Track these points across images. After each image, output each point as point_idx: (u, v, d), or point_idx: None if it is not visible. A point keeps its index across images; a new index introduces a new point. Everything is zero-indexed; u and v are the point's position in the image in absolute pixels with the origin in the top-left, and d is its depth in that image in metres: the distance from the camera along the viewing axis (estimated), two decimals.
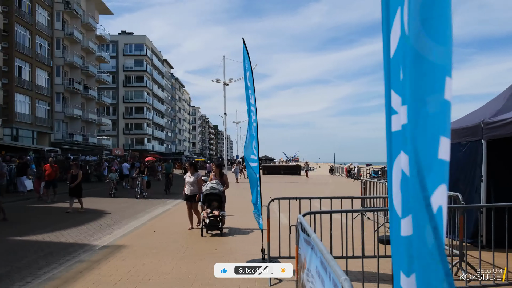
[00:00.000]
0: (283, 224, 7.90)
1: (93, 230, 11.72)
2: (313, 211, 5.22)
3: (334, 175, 57.50)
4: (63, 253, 8.74)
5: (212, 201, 10.68)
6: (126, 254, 8.44)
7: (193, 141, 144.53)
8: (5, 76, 36.36)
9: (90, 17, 53.83)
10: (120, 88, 76.52)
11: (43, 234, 10.86)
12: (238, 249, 8.95)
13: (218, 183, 10.85)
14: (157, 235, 10.53)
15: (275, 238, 7.42)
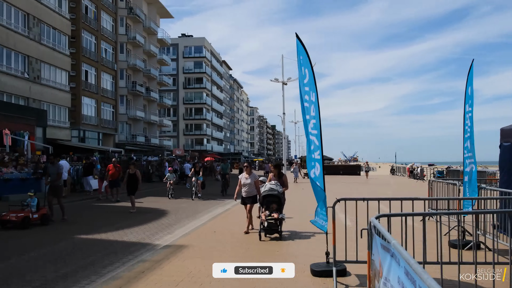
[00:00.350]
0: (348, 227, 7.50)
1: (155, 229, 11.81)
2: (386, 214, 4.82)
3: (395, 175, 55.78)
4: (126, 252, 8.80)
5: (270, 203, 10.07)
6: (187, 254, 8.37)
7: (251, 141, 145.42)
8: (73, 80, 38.03)
9: (152, 21, 55.35)
10: (180, 90, 78.22)
11: (107, 233, 11.06)
12: (300, 251, 8.65)
13: (277, 184, 10.36)
14: (218, 235, 10.43)
15: (341, 241, 7.06)
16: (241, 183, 10.88)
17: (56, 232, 11.21)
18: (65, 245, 9.44)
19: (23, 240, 10.18)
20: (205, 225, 12.20)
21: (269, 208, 10.02)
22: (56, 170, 13.00)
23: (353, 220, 7.31)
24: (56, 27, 34.37)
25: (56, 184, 13.09)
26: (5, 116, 22.54)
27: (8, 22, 28.95)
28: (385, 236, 3.13)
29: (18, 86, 29.54)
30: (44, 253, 8.71)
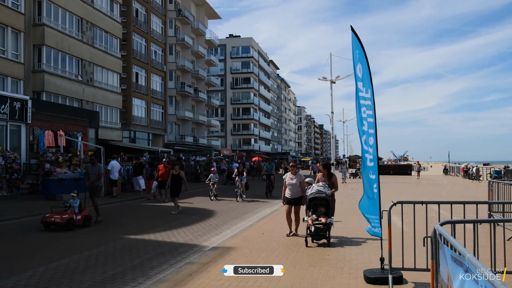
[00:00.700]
0: (405, 231, 7.05)
1: (202, 230, 11.72)
2: (452, 220, 4.40)
3: (448, 175, 53.69)
4: (174, 254, 8.72)
5: (318, 206, 9.37)
6: (235, 256, 8.17)
7: (299, 141, 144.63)
8: (124, 82, 38.99)
9: (200, 22, 55.96)
10: (228, 90, 78.75)
11: (156, 233, 11.05)
12: (353, 256, 8.25)
13: (325, 186, 9.61)
14: (266, 237, 10.19)
15: (397, 247, 6.65)
16: (286, 184, 10.35)
17: (105, 232, 11.32)
18: (114, 246, 9.47)
19: (72, 240, 10.32)
20: (253, 226, 11.99)
21: (316, 212, 9.36)
22: (97, 171, 12.85)
23: (409, 224, 6.88)
24: (108, 31, 35.31)
25: (96, 185, 12.88)
26: (60, 118, 23.29)
27: (63, 27, 29.97)
28: (457, 248, 2.76)
29: (72, 88, 30.52)
30: (94, 254, 8.76)
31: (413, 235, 6.51)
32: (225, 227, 12.30)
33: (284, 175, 10.57)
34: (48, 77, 28.19)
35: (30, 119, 20.88)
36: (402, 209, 6.74)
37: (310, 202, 9.50)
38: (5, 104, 19.67)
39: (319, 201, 9.43)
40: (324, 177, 10.30)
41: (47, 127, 22.31)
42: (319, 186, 9.60)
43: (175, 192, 15.38)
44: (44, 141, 21.79)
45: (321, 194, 9.41)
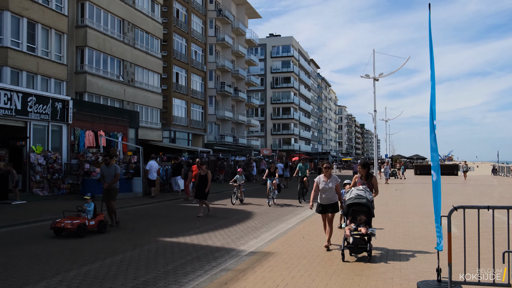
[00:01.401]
0: (460, 237, 6.33)
1: (240, 233, 11.28)
2: None
3: (498, 175, 51.25)
4: (210, 258, 8.30)
5: (357, 213, 8.14)
6: (274, 263, 7.66)
7: (340, 141, 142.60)
8: (165, 83, 39.22)
9: (240, 22, 55.78)
10: (268, 90, 78.33)
11: (192, 236, 10.68)
12: (403, 264, 7.54)
13: (366, 189, 8.34)
14: (306, 241, 9.62)
15: (457, 258, 5.94)
16: (318, 188, 8.97)
17: (140, 235, 11.03)
18: (148, 249, 9.14)
19: (106, 243, 10.07)
20: (293, 229, 11.43)
21: (355, 220, 8.14)
22: (113, 172, 11.98)
23: (470, 231, 6.17)
24: (149, 32, 35.57)
25: (113, 187, 11.99)
26: (100, 118, 23.47)
27: (105, 28, 30.33)
28: None
29: (113, 89, 30.84)
30: (127, 257, 8.45)
31: (478, 245, 5.77)
32: (263, 230, 11.81)
33: (317, 178, 9.13)
34: (90, 78, 28.56)
35: (71, 120, 21.10)
36: (464, 214, 5.90)
37: (348, 208, 8.27)
38: (47, 104, 19.92)
39: (359, 207, 8.18)
40: (362, 179, 9.12)
41: (88, 127, 22.51)
42: (359, 190, 8.34)
43: (202, 194, 14.19)
44: (85, 141, 21.98)
45: (361, 200, 8.12)
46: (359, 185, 8.74)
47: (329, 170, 9.03)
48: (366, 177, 9.11)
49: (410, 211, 15.10)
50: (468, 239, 6.16)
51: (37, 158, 18.63)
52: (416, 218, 13.16)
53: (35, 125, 19.75)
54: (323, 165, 9.23)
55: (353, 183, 9.32)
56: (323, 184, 8.88)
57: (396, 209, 15.78)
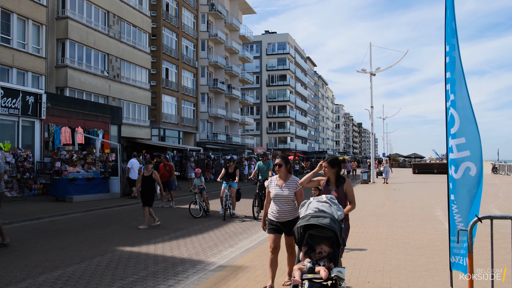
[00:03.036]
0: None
1: (216, 240, 9.83)
2: None
3: (498, 174, 49.86)
4: (168, 275, 6.85)
5: (317, 241, 4.76)
6: (243, 282, 6.22)
7: (337, 140, 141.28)
8: (154, 78, 37.71)
9: (234, 17, 54.26)
10: (263, 88, 76.86)
11: (157, 245, 9.21)
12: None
13: (332, 202, 4.95)
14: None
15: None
16: (269, 196, 5.97)
17: (98, 243, 9.57)
18: (98, 263, 7.66)
19: (49, 254, 8.60)
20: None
21: (313, 253, 4.74)
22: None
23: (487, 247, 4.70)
24: (136, 25, 34.07)
25: None
26: (79, 114, 21.98)
27: (88, 20, 28.82)
28: None
29: (97, 84, 29.35)
30: (67, 274, 7.00)
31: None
32: (244, 236, 10.40)
33: (268, 181, 6.06)
34: (72, 72, 27.05)
35: (44, 115, 19.59)
36: (492, 227, 4.17)
37: (303, 232, 4.80)
38: (16, 98, 18.39)
39: (319, 231, 4.70)
40: (330, 185, 5.76)
41: (64, 123, 21.01)
42: (322, 202, 4.91)
43: (146, 200, 11.39)
44: (61, 138, 20.48)
45: (323, 219, 4.59)
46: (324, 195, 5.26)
47: (284, 168, 5.88)
48: (336, 181, 5.70)
49: (409, 213, 13.66)
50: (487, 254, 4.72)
51: (5, 156, 17.13)
52: (416, 222, 11.74)
53: (2, 120, 18.24)
54: (274, 162, 6.19)
55: (308, 176, 5.84)
56: (275, 190, 5.84)
57: (394, 211, 14.35)
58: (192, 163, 26.62)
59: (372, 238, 9.30)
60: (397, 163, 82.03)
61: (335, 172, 5.70)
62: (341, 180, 5.70)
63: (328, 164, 5.70)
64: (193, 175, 25.92)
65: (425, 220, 12.03)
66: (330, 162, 5.70)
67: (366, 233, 10.02)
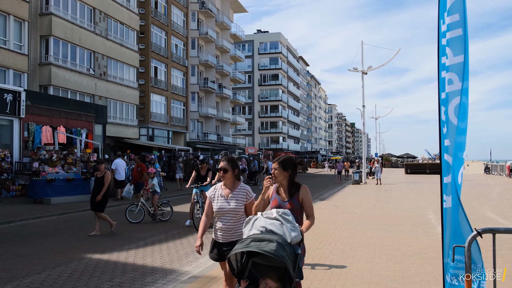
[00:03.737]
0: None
1: (192, 246, 9.20)
2: None
3: (491, 174, 49.56)
4: (135, 286, 6.22)
5: (262, 272, 3.43)
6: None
7: (330, 139, 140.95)
8: (142, 77, 37.02)
9: (225, 15, 53.62)
10: (255, 87, 76.25)
11: (130, 251, 8.57)
12: None
13: (285, 218, 3.55)
14: None
15: None
16: (211, 207, 4.60)
17: (66, 249, 8.91)
18: (60, 272, 7.01)
19: (9, 263, 7.94)
20: None
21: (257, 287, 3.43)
22: None
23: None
24: (124, 22, 33.36)
25: None
26: (61, 112, 21.26)
27: (73, 17, 28.09)
28: None
29: (83, 82, 28.61)
30: (22, 286, 6.35)
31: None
32: None
33: (210, 189, 4.66)
34: (56, 70, 26.32)
35: (24, 113, 18.86)
36: (494, 242, 3.33)
37: (247, 258, 3.52)
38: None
39: (265, 258, 3.40)
40: (281, 194, 4.29)
41: (46, 122, 20.28)
42: (270, 218, 3.57)
43: (96, 205, 10.26)
44: (42, 138, 19.75)
45: (266, 244, 3.25)
46: (272, 207, 4.17)
47: (229, 175, 4.48)
48: (288, 189, 4.26)
49: (400, 216, 13.10)
50: None
51: None
52: (407, 225, 11.17)
53: None
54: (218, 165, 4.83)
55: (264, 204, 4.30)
56: (219, 202, 4.47)
57: (384, 213, 13.79)
58: (180, 163, 26.13)
59: (360, 244, 8.72)
60: (389, 163, 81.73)
61: (288, 176, 4.23)
62: (295, 187, 4.24)
63: (279, 165, 4.23)
64: (181, 175, 25.39)
65: (417, 223, 11.48)
66: (282, 163, 4.24)
67: (354, 238, 9.44)
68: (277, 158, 4.31)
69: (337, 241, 9.11)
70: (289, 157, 4.34)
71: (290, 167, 4.25)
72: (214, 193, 4.56)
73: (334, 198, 19.66)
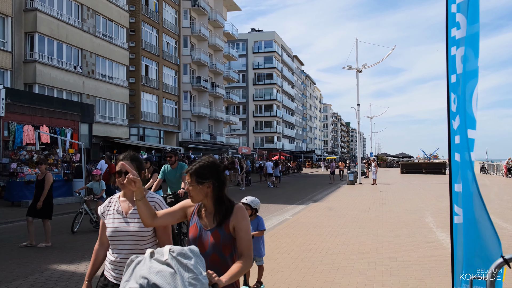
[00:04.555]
0: None
1: None
2: None
3: (487, 174, 49.02)
4: None
5: None
6: None
7: (325, 139, 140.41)
8: (132, 76, 36.17)
9: (218, 13, 52.84)
10: (250, 86, 75.48)
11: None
12: None
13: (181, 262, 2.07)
14: (254, 268, 6.82)
15: None
16: (104, 234, 3.15)
17: (33, 258, 8.15)
18: (23, 285, 6.27)
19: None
20: None
21: None
22: None
23: None
24: (113, 19, 32.51)
25: None
26: (44, 111, 20.42)
27: (59, 13, 27.26)
28: None
29: (70, 80, 27.78)
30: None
31: None
32: None
33: (105, 202, 3.20)
34: (41, 67, 25.48)
35: (3, 112, 18.01)
36: None
37: None
38: None
39: None
40: (205, 216, 2.70)
41: (27, 121, 19.43)
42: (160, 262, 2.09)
43: (40, 212, 9.01)
44: (23, 137, 18.91)
45: None
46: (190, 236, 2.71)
47: (126, 180, 2.67)
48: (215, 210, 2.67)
49: (396, 219, 12.39)
50: None
51: None
52: (404, 230, 10.47)
53: None
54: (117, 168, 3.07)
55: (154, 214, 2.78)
56: (115, 222, 3.03)
57: (380, 216, 13.07)
58: None
59: (353, 253, 8.00)
60: (385, 163, 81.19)
61: (211, 192, 2.64)
62: (225, 208, 2.64)
63: (192, 176, 2.63)
64: None
65: (414, 228, 10.77)
66: (197, 172, 2.63)
67: (347, 245, 8.72)
68: (190, 167, 2.68)
69: (328, 248, 8.39)
70: (210, 161, 2.68)
71: (211, 177, 2.62)
72: (107, 208, 3.09)
73: (328, 199, 18.95)
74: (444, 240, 9.05)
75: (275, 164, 30.17)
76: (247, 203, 5.50)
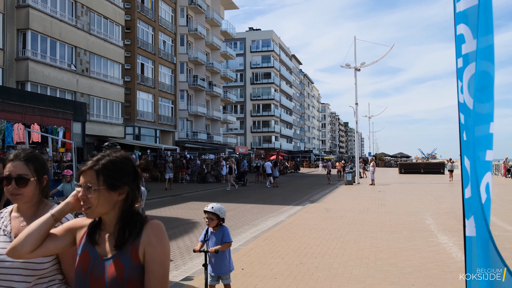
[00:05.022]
0: None
1: (179, 250, 8.00)
2: None
3: None
4: None
5: None
6: None
7: (323, 139, 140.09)
8: (128, 74, 35.73)
9: (215, 12, 52.38)
10: (247, 86, 75.04)
11: None
12: None
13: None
14: (246, 275, 6.40)
15: None
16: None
17: None
18: None
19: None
20: (237, 251, 8.20)
21: None
22: None
23: None
24: (108, 17, 32.07)
25: None
26: (35, 109, 19.94)
27: (52, 10, 26.80)
28: None
29: (63, 79, 27.33)
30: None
31: None
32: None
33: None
34: (34, 65, 25.03)
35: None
36: None
37: None
38: None
39: None
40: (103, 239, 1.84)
41: (18, 120, 18.92)
42: None
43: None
44: (13, 136, 18.43)
45: None
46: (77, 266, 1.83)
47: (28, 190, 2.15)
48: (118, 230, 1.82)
49: (396, 221, 11.97)
50: None
51: None
52: (404, 233, 10.05)
53: None
54: None
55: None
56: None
57: (378, 218, 12.65)
58: (170, 163, 25.31)
59: (351, 258, 7.57)
60: (383, 163, 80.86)
61: (122, 201, 1.83)
62: (133, 225, 1.82)
63: (100, 173, 1.78)
64: (171, 175, 24.48)
65: (414, 230, 10.36)
66: (103, 171, 1.78)
67: (345, 249, 8.29)
68: (92, 163, 1.81)
69: (325, 253, 7.97)
70: (123, 156, 1.87)
71: (126, 181, 1.83)
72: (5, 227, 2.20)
73: (325, 200, 18.54)
74: (446, 244, 8.64)
75: (274, 164, 29.80)
76: (213, 212, 4.66)
